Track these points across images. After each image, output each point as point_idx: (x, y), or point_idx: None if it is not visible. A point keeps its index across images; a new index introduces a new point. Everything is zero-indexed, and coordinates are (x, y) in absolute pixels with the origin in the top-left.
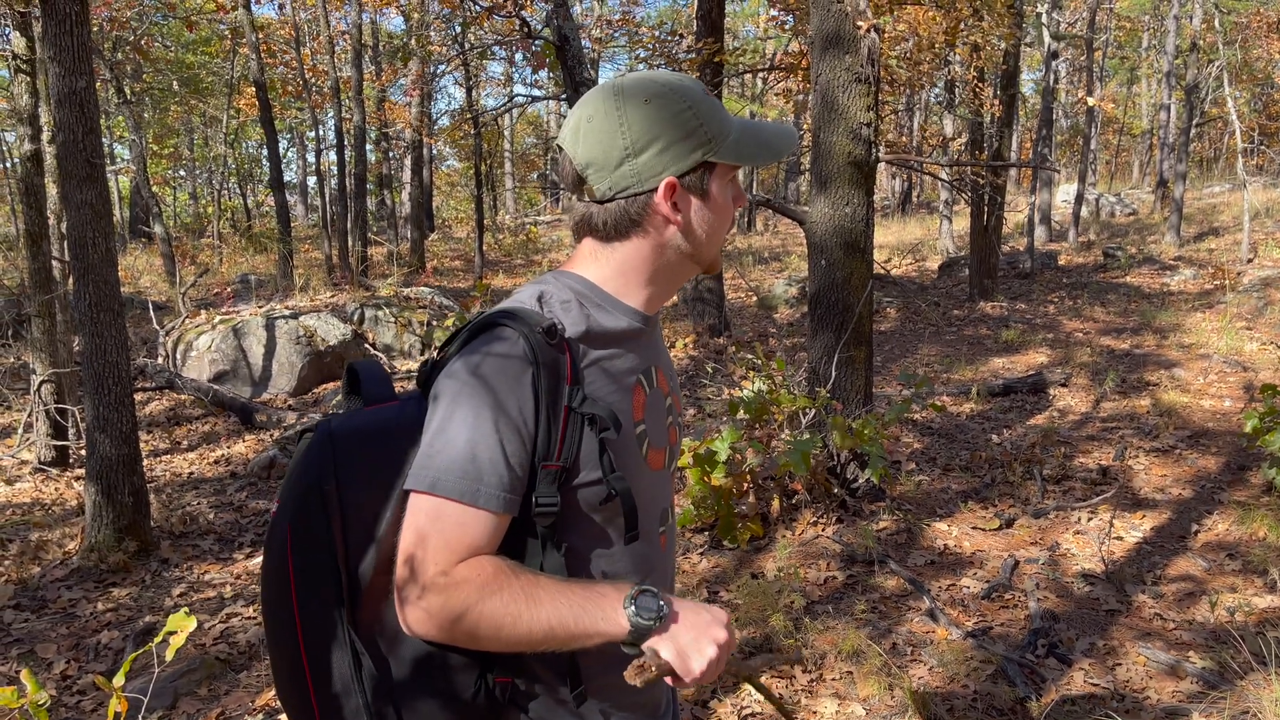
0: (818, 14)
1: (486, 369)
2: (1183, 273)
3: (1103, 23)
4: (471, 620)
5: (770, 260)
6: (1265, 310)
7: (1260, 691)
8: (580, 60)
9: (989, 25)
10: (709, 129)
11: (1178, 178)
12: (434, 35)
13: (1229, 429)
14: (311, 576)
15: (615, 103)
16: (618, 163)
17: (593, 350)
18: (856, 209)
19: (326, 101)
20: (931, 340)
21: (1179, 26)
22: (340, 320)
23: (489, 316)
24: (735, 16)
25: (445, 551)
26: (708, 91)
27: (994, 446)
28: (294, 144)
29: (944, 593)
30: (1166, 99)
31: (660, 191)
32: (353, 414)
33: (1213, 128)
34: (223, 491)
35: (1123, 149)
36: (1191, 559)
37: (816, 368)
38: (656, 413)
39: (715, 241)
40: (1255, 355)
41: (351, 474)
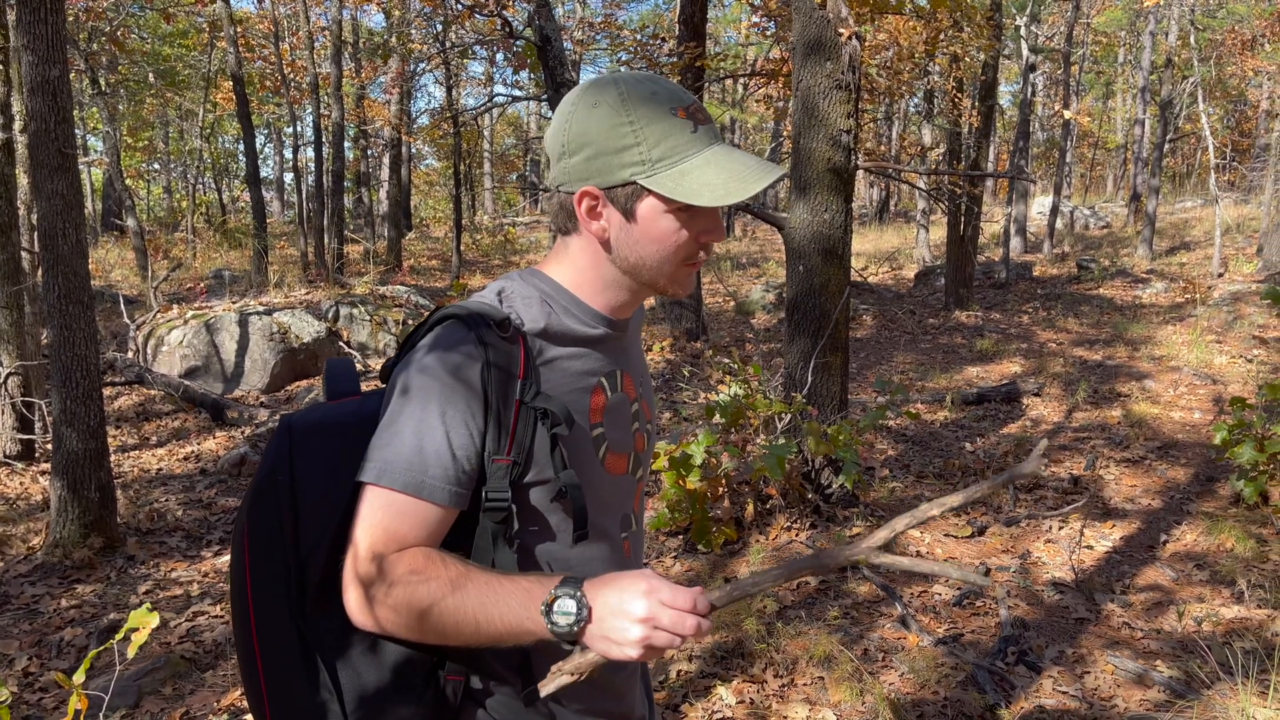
0: (800, 20)
1: (436, 363)
2: (1155, 286)
3: (1080, 37)
4: (404, 610)
5: (748, 266)
6: (1235, 324)
7: (1227, 702)
8: (562, 61)
9: (968, 36)
10: (646, 150)
11: (1151, 192)
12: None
13: (1198, 441)
14: (266, 569)
15: (576, 99)
16: (557, 157)
17: (551, 347)
18: (835, 215)
19: (305, 97)
20: (907, 348)
21: (1155, 43)
22: (315, 317)
23: (445, 312)
24: (717, 22)
25: (385, 541)
26: (690, 111)
27: (967, 454)
28: (271, 140)
29: (916, 599)
30: (1141, 114)
31: (577, 195)
32: (313, 408)
33: (1186, 143)
34: (192, 488)
35: (1097, 162)
36: (1160, 569)
37: (793, 373)
38: (619, 417)
39: (651, 265)
40: (1224, 368)
41: (306, 466)
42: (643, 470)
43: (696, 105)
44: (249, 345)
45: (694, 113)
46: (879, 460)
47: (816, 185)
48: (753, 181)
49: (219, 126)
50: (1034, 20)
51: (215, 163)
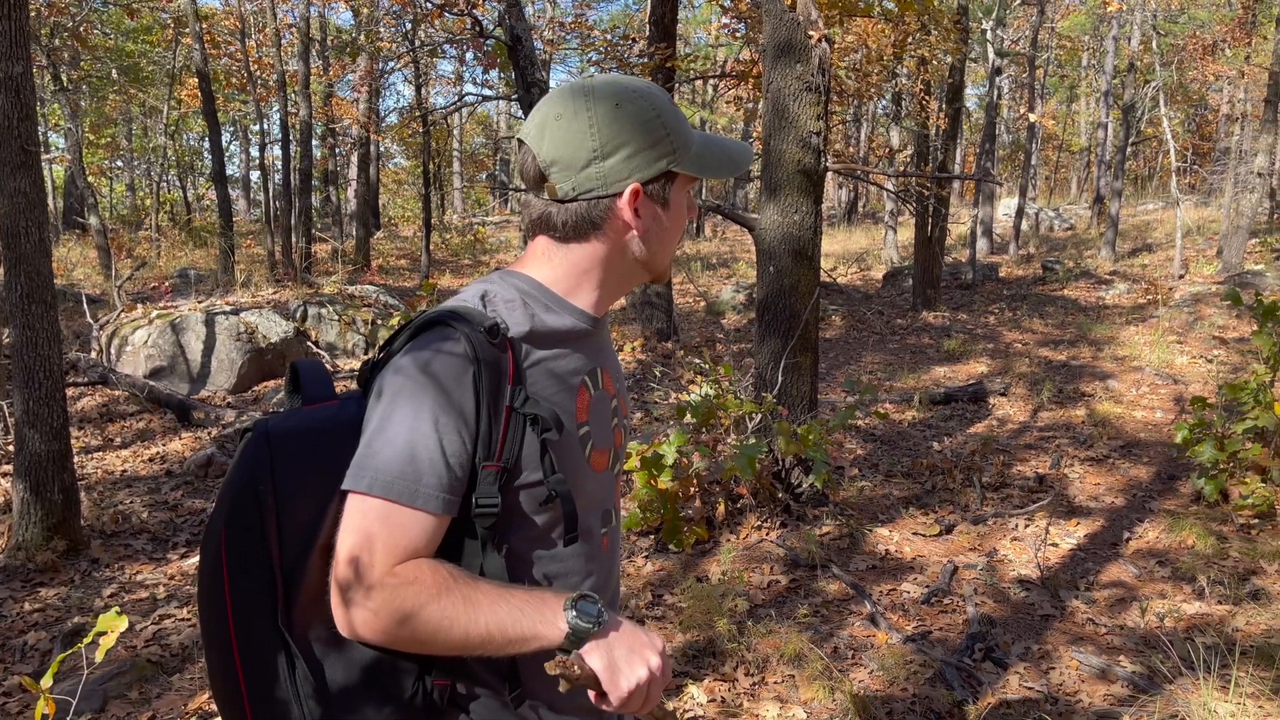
0: (770, 22)
1: (427, 368)
2: (1117, 287)
3: (1044, 41)
4: (411, 624)
5: (719, 266)
6: (1195, 325)
7: (1189, 696)
8: (532, 61)
9: (936, 40)
10: (675, 139)
11: (1114, 194)
12: (384, 31)
13: (1160, 440)
14: (246, 578)
15: (586, 103)
16: (584, 164)
17: (536, 350)
18: (805, 217)
19: (272, 95)
20: (875, 348)
21: (1118, 47)
22: (282, 317)
23: (430, 315)
24: (687, 23)
25: (383, 553)
26: (671, 101)
27: (935, 454)
28: (237, 137)
29: (885, 597)
30: (1104, 117)
31: (625, 197)
32: (290, 413)
33: (1148, 146)
34: (157, 490)
35: (1062, 165)
36: (1123, 566)
37: (763, 373)
38: (601, 414)
39: (668, 250)
40: (1185, 368)
41: (288, 474)
42: (620, 465)
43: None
44: (215, 345)
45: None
46: (848, 459)
47: (786, 186)
48: (744, 152)
49: (184, 124)
50: (1000, 24)
51: (180, 160)
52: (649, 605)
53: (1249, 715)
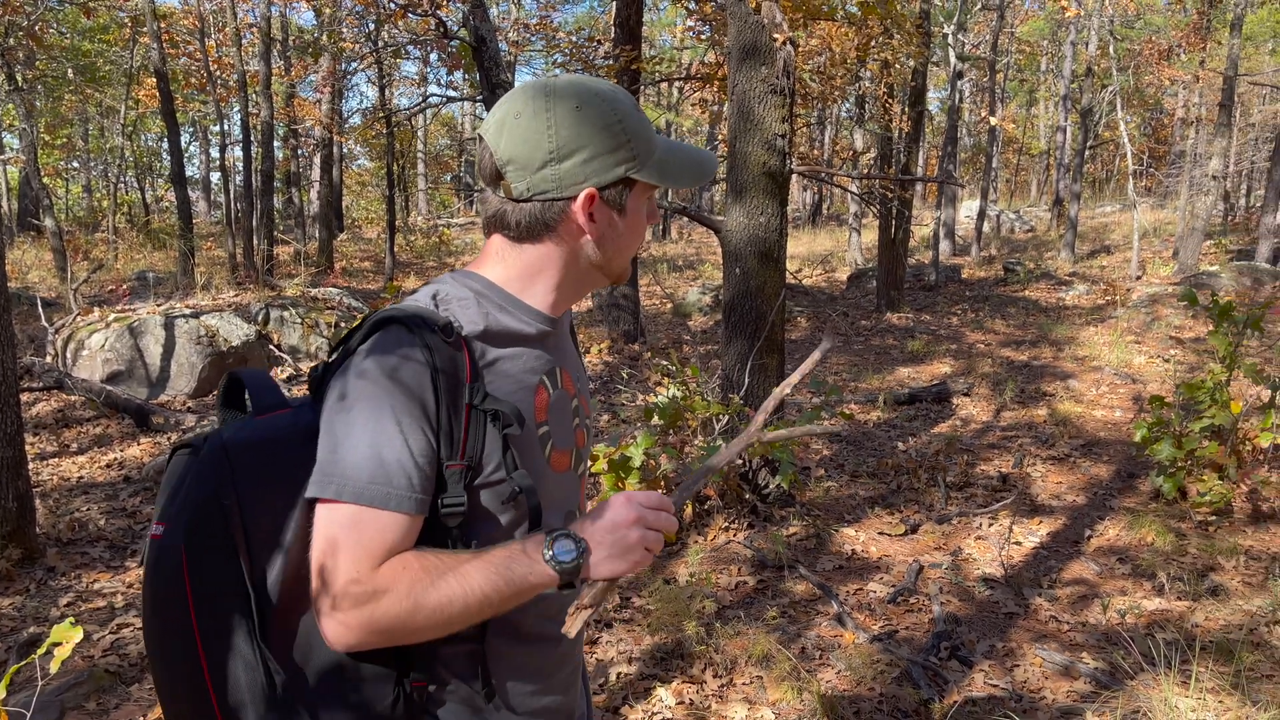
0: (735, 25)
1: (383, 369)
2: (1077, 288)
3: (1004, 46)
4: (410, 619)
5: (685, 268)
6: (1153, 325)
7: (1150, 691)
8: (497, 62)
9: (898, 43)
10: (636, 145)
11: (1072, 197)
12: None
13: (1120, 438)
14: (214, 597)
15: (546, 103)
16: (540, 165)
17: (492, 349)
18: (771, 219)
19: (232, 95)
20: (841, 350)
21: (1075, 52)
22: (244, 320)
23: (382, 316)
24: (652, 25)
25: (365, 559)
26: (637, 105)
27: (900, 454)
28: (197, 138)
29: (852, 597)
30: (1063, 121)
31: (579, 201)
32: (244, 424)
33: (1105, 150)
34: (115, 497)
35: (1022, 168)
36: (1085, 563)
37: (730, 374)
38: (561, 414)
39: (625, 255)
40: (1144, 368)
41: (251, 486)
42: (584, 466)
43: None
44: (175, 349)
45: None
46: (814, 460)
47: (752, 189)
48: (709, 161)
49: (142, 124)
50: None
51: (138, 161)
52: (617, 608)
53: (1209, 710)
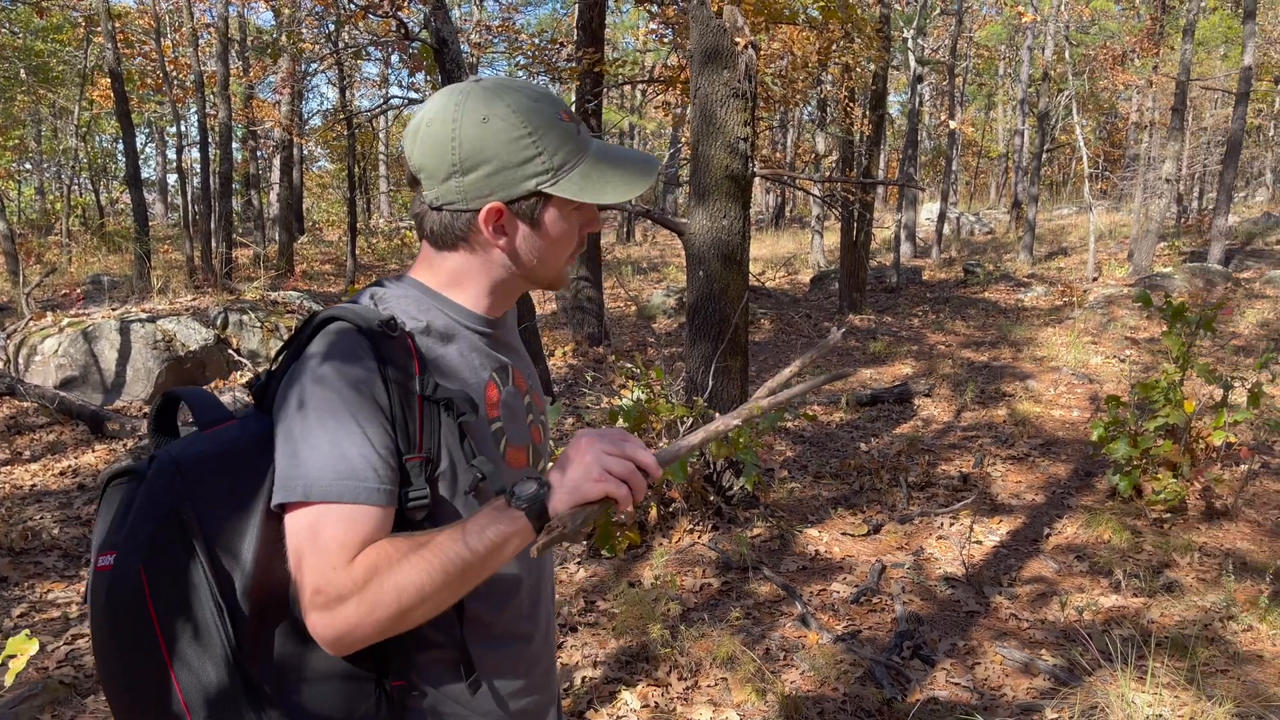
0: (697, 29)
1: (334, 370)
2: (1035, 289)
3: (963, 50)
4: (397, 602)
5: (649, 271)
6: (1109, 326)
7: (1107, 687)
8: (459, 64)
9: (859, 47)
10: (548, 159)
11: (1030, 200)
12: (306, 32)
13: (1077, 438)
14: (181, 616)
15: (454, 114)
16: (445, 176)
17: (436, 345)
18: (734, 221)
19: (189, 96)
20: (803, 351)
21: (1032, 57)
22: (202, 324)
23: (323, 317)
24: (615, 28)
25: (340, 554)
26: (569, 113)
27: (862, 454)
28: (153, 139)
29: (815, 598)
30: (1021, 125)
31: (482, 214)
32: (192, 439)
33: (1062, 153)
34: (69, 505)
35: (981, 171)
36: (1044, 561)
37: (694, 377)
38: (514, 411)
39: (550, 266)
40: (1100, 368)
41: (208, 499)
42: (542, 463)
43: (568, 107)
44: (131, 354)
45: (572, 116)
46: (778, 462)
47: (715, 192)
48: (642, 174)
49: (96, 125)
50: (920, 33)
51: (92, 163)
52: (581, 612)
53: (1165, 704)
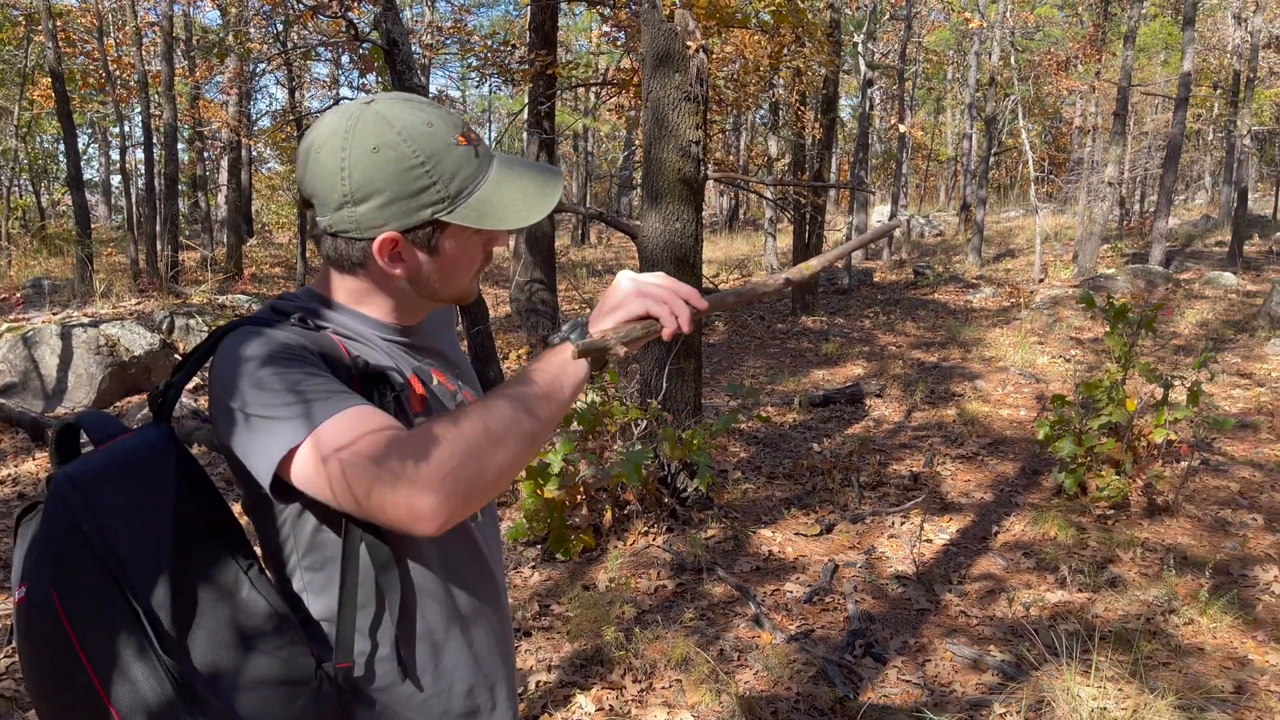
0: (649, 32)
1: (261, 355)
2: (984, 291)
3: (913, 55)
4: (474, 448)
5: (604, 273)
6: (1055, 326)
7: (1053, 681)
8: (410, 65)
9: (810, 52)
10: (444, 188)
11: (979, 202)
12: (253, 32)
13: (1024, 436)
14: (99, 627)
15: (344, 141)
16: (336, 205)
17: (353, 344)
18: (686, 224)
19: (133, 96)
20: (757, 353)
21: (979, 62)
22: (147, 329)
23: (227, 326)
24: (569, 30)
25: (383, 433)
26: (466, 134)
27: (815, 455)
28: (96, 140)
29: (769, 598)
30: (969, 129)
31: (376, 244)
32: (86, 456)
33: (1009, 157)
34: (8, 515)
35: (931, 174)
36: (992, 558)
37: (648, 379)
38: (441, 409)
39: (454, 286)
40: (1046, 368)
41: (108, 510)
42: None
43: (467, 126)
44: (73, 360)
45: (470, 136)
46: (732, 463)
47: (668, 195)
48: (546, 194)
49: (37, 125)
50: (870, 38)
51: (33, 164)
52: (536, 616)
53: (1109, 698)
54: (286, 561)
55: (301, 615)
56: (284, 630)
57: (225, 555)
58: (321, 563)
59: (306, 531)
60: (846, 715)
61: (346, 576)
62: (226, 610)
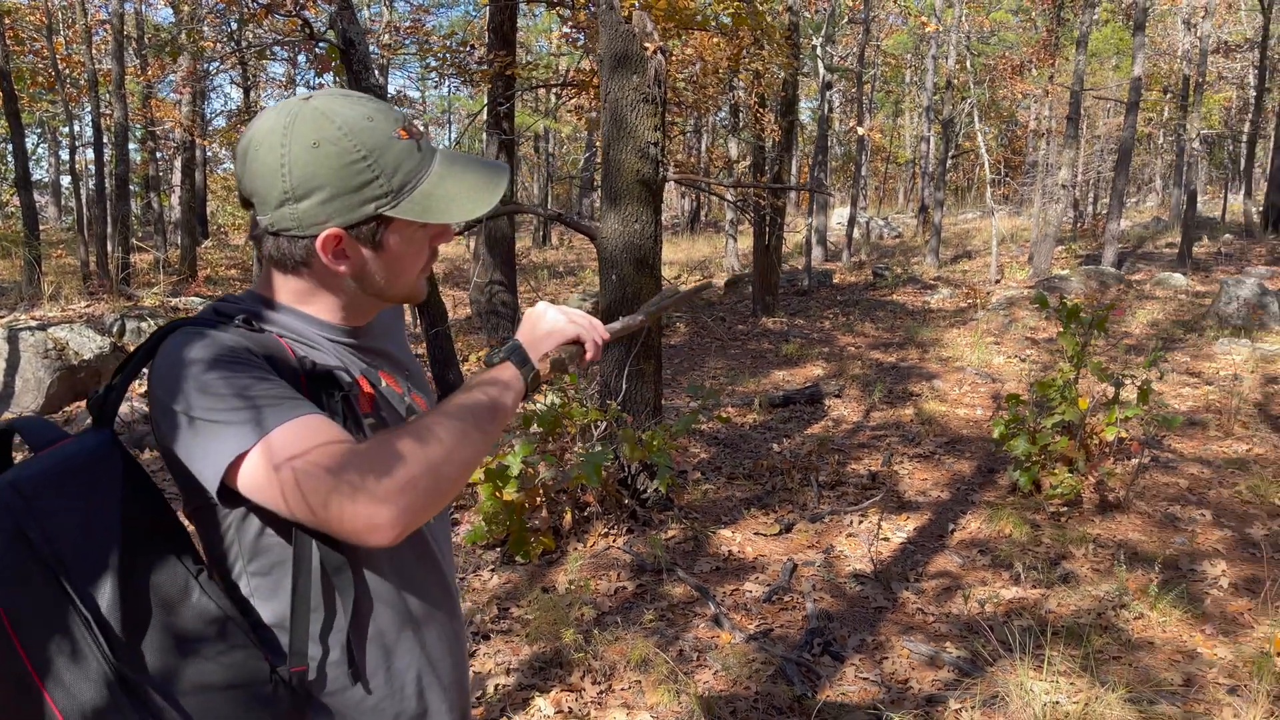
0: (606, 33)
1: (206, 357)
2: (941, 292)
3: (871, 58)
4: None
5: (566, 274)
6: (1010, 326)
7: (1007, 676)
8: (366, 65)
9: (769, 54)
10: (387, 182)
11: (936, 204)
12: (207, 30)
13: (980, 435)
14: (50, 641)
15: (283, 138)
16: (278, 203)
17: (299, 347)
18: (645, 226)
19: (83, 95)
20: (717, 354)
21: (936, 66)
22: (97, 332)
23: (168, 327)
24: (529, 31)
25: (336, 444)
26: (408, 129)
27: (775, 455)
28: (45, 140)
29: (728, 598)
30: (926, 132)
31: (319, 241)
32: (27, 461)
33: (966, 159)
34: None
35: (890, 176)
36: (949, 556)
37: (608, 381)
38: (392, 412)
39: (401, 284)
40: (1002, 367)
41: (52, 514)
42: None
43: (409, 120)
44: (20, 364)
45: (411, 130)
46: (692, 463)
47: (626, 196)
48: (491, 188)
49: None
50: (829, 41)
51: None
52: (495, 619)
53: (1061, 692)
54: (232, 567)
55: (252, 619)
56: (236, 634)
57: (174, 560)
58: (268, 567)
59: (250, 536)
60: (804, 713)
61: (298, 581)
62: (178, 615)
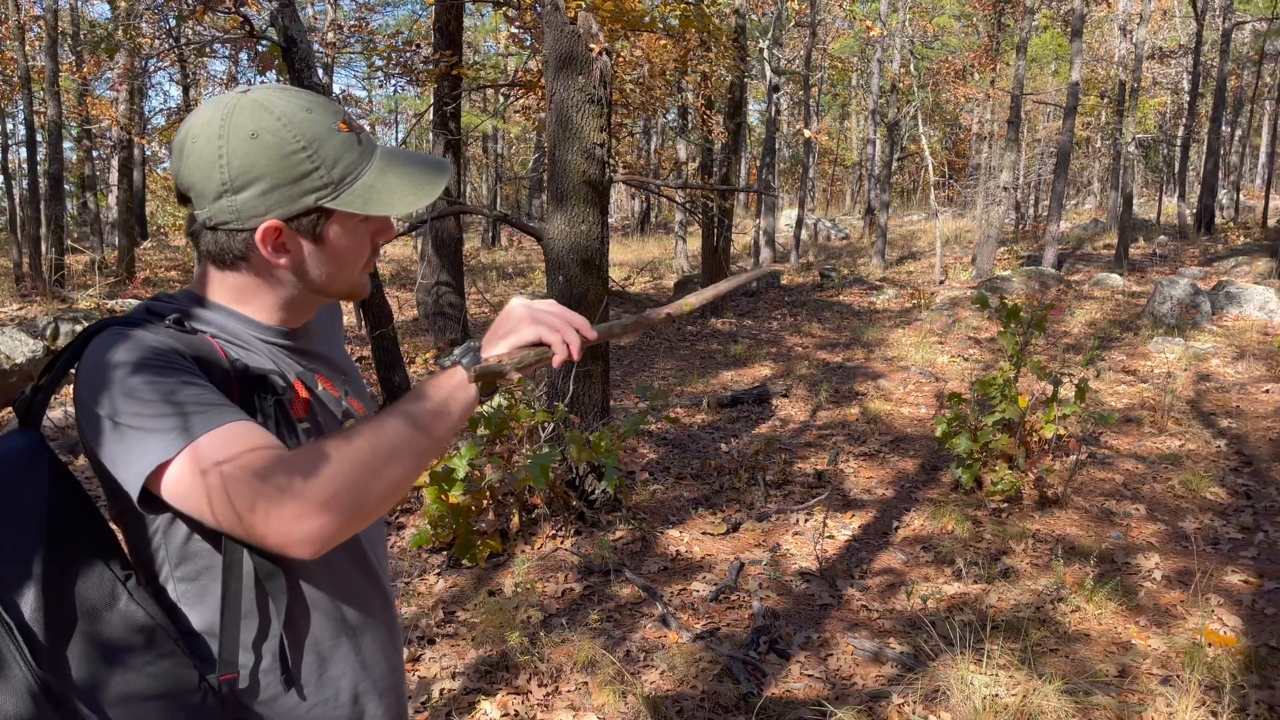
0: (552, 34)
1: (132, 360)
2: (887, 292)
3: (817, 62)
4: (357, 469)
5: (515, 275)
6: (954, 326)
7: (948, 671)
8: (309, 64)
9: (716, 56)
10: (326, 173)
11: (882, 206)
12: (145, 26)
13: (924, 434)
14: None
15: (221, 129)
16: (216, 196)
17: (231, 348)
18: (592, 227)
19: (16, 92)
20: (666, 355)
21: (881, 69)
22: (30, 335)
23: (95, 326)
24: (477, 31)
25: (263, 452)
26: (348, 122)
27: (723, 455)
28: None
29: (676, 598)
30: (872, 134)
31: (259, 234)
32: None
33: (911, 162)
34: None
35: (837, 178)
36: (893, 553)
37: (555, 382)
38: (328, 415)
39: (342, 280)
40: (946, 367)
41: None
42: None
43: (348, 115)
44: None
45: (351, 124)
46: (640, 464)
47: (573, 197)
48: (431, 179)
49: None
50: (776, 44)
51: None
52: (440, 623)
53: (1001, 684)
54: (159, 572)
55: (180, 626)
56: (164, 642)
57: (101, 565)
58: (196, 573)
59: (178, 542)
60: (750, 711)
61: (229, 587)
62: (104, 622)
